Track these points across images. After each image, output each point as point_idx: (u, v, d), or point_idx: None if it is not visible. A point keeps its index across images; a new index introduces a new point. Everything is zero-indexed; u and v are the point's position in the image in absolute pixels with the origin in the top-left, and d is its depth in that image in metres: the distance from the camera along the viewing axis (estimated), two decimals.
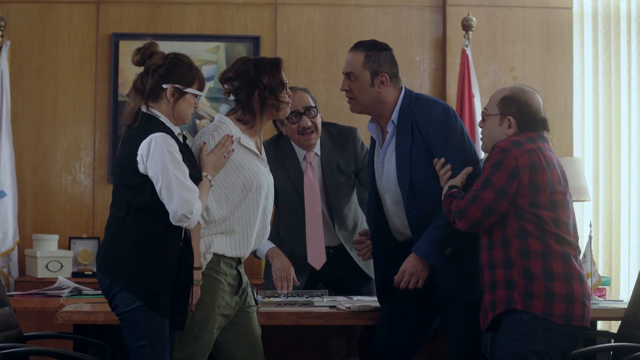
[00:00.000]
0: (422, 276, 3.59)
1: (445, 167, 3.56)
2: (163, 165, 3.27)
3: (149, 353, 3.28)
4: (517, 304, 3.34)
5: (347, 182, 4.35)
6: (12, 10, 6.10)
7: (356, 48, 3.75)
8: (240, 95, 3.53)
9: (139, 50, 3.46)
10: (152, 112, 3.38)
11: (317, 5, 6.26)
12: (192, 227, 3.32)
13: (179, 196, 3.25)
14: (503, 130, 3.50)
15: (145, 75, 3.41)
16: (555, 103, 6.20)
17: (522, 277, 3.34)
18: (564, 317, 3.33)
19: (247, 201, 3.48)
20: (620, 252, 6.20)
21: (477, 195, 3.37)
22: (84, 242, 6.00)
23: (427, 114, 3.62)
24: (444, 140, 3.59)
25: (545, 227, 3.37)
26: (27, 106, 6.12)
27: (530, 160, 3.38)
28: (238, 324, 3.56)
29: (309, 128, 4.24)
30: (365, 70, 3.68)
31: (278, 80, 3.53)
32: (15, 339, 3.71)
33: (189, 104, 3.42)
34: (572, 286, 3.36)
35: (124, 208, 3.34)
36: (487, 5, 6.28)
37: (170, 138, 3.32)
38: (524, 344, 3.32)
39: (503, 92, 3.55)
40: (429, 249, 3.55)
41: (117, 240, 3.34)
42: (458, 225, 3.43)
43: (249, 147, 3.52)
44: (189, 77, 3.41)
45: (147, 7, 6.20)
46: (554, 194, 3.40)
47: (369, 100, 3.69)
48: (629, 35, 6.26)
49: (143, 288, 3.28)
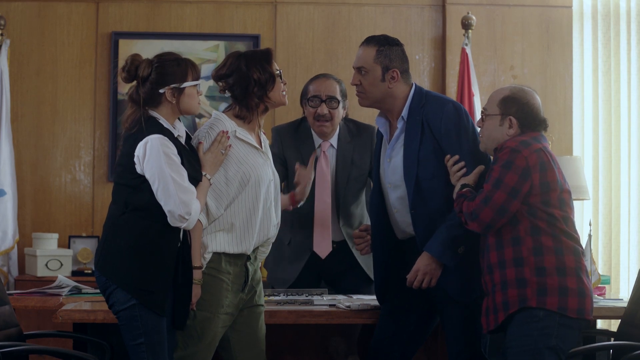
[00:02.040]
0: (435, 275, 3.58)
1: (458, 165, 3.55)
2: (159, 167, 3.27)
3: (146, 351, 3.29)
4: (532, 301, 3.33)
5: (359, 179, 4.35)
6: (12, 9, 6.10)
7: (367, 43, 3.72)
8: (236, 91, 3.52)
9: (124, 68, 3.43)
10: (151, 115, 3.39)
11: (316, 3, 6.26)
12: (190, 227, 3.33)
13: (175, 198, 3.26)
14: (504, 130, 3.49)
15: (139, 87, 3.40)
16: (555, 102, 6.20)
17: (534, 274, 3.34)
18: (578, 312, 3.34)
19: (244, 195, 3.47)
20: (619, 251, 6.19)
21: (489, 196, 3.36)
22: (83, 240, 6.00)
23: (438, 112, 3.61)
24: (457, 138, 3.58)
25: (556, 225, 3.38)
26: (27, 105, 6.12)
27: (540, 159, 3.38)
28: (242, 323, 3.56)
29: (324, 116, 4.26)
30: (377, 65, 3.67)
31: (268, 73, 3.51)
32: (15, 337, 3.71)
33: (192, 96, 3.42)
34: (582, 280, 3.38)
35: (122, 207, 3.35)
36: (487, 4, 6.27)
37: (167, 140, 3.32)
38: (539, 340, 3.31)
39: (503, 92, 3.55)
40: (442, 248, 3.54)
41: (113, 239, 3.35)
42: (470, 226, 3.42)
43: (246, 139, 3.51)
44: (181, 72, 3.40)
45: (147, 6, 6.20)
46: (562, 193, 3.41)
47: (379, 95, 3.68)
48: (629, 33, 6.26)
49: (138, 286, 3.28)
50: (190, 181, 3.33)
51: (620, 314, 3.89)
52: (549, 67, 6.28)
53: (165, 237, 3.33)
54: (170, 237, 3.34)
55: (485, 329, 3.47)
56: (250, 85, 3.49)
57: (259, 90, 3.50)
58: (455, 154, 3.57)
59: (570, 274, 3.35)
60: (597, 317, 4.08)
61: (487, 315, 3.45)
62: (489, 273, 3.44)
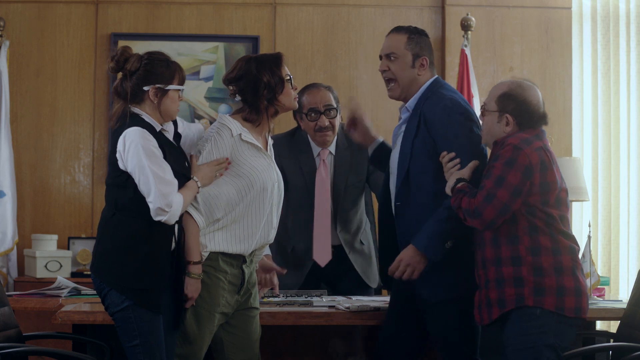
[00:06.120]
0: (418, 268, 3.56)
1: (453, 161, 3.53)
2: (138, 158, 3.27)
3: (142, 352, 3.29)
4: (529, 300, 3.33)
5: (357, 185, 4.35)
6: (11, 10, 6.10)
7: (398, 31, 3.74)
8: (247, 95, 3.52)
9: (113, 58, 3.44)
10: (134, 111, 3.38)
11: (315, 5, 6.26)
12: (171, 222, 3.30)
13: (155, 189, 3.25)
14: (501, 127, 3.48)
15: (124, 80, 3.41)
16: (554, 103, 6.19)
17: (532, 274, 3.34)
18: (575, 311, 3.34)
19: (249, 198, 3.47)
20: (619, 252, 6.20)
21: (492, 194, 3.34)
22: (83, 242, 6.00)
23: (434, 108, 3.61)
24: (450, 135, 3.57)
25: (553, 224, 3.38)
26: (26, 106, 6.12)
27: (540, 158, 3.37)
28: (235, 326, 3.56)
29: (326, 128, 4.26)
30: (408, 52, 3.69)
31: (278, 77, 3.51)
32: (15, 338, 3.71)
33: (173, 100, 3.41)
34: (579, 279, 3.38)
35: (112, 207, 3.36)
36: (486, 5, 6.28)
37: (147, 132, 3.31)
38: (538, 338, 3.32)
39: (502, 87, 3.53)
40: (428, 242, 3.54)
41: (105, 240, 3.36)
42: (470, 223, 3.40)
43: (251, 142, 3.51)
44: (168, 74, 3.40)
45: (146, 7, 6.20)
46: (560, 192, 3.41)
47: (407, 82, 3.69)
48: (628, 35, 6.26)
49: (131, 287, 3.29)
50: (175, 176, 3.32)
51: (619, 315, 3.89)
52: (548, 69, 6.28)
53: (156, 235, 3.32)
54: (161, 235, 3.33)
55: (479, 322, 3.47)
56: (260, 89, 3.49)
57: (268, 93, 3.49)
58: (449, 149, 3.55)
59: (567, 273, 3.36)
60: (597, 319, 4.09)
61: (479, 309, 3.46)
62: (483, 268, 3.44)
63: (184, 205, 3.33)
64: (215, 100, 6.11)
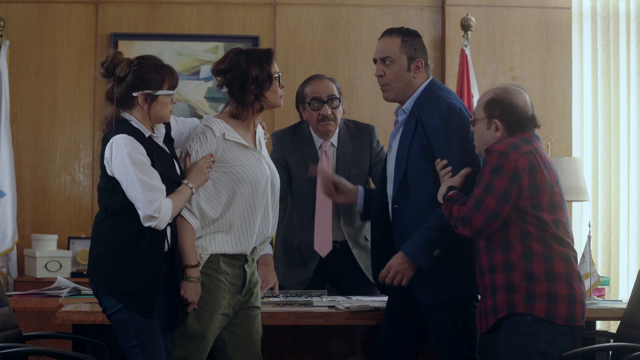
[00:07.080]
0: (407, 275, 3.58)
1: (446, 169, 3.54)
2: (124, 166, 3.26)
3: (141, 353, 3.29)
4: (519, 307, 3.33)
5: (359, 177, 4.35)
6: (11, 10, 6.10)
7: (390, 33, 3.71)
8: (234, 88, 3.50)
9: (103, 64, 3.40)
10: (124, 117, 3.37)
11: (315, 5, 6.26)
12: (161, 227, 3.29)
13: (142, 196, 3.24)
14: (491, 133, 3.47)
15: (114, 86, 3.38)
16: (554, 103, 6.20)
17: (523, 280, 3.34)
18: (567, 319, 3.33)
19: (240, 196, 3.46)
20: (619, 252, 6.20)
21: (480, 201, 3.34)
22: (82, 242, 6.00)
23: (431, 111, 3.61)
24: (446, 139, 3.57)
25: (546, 229, 3.36)
26: (26, 106, 6.12)
27: (529, 162, 3.37)
28: (237, 326, 3.55)
29: (329, 117, 4.27)
30: (403, 55, 3.67)
31: (267, 73, 3.49)
32: (14, 338, 3.71)
33: (164, 105, 3.38)
34: (573, 286, 3.37)
35: (103, 211, 3.37)
36: (486, 5, 6.28)
37: (133, 140, 3.29)
38: (527, 344, 3.31)
39: (488, 94, 3.53)
40: (417, 249, 3.55)
41: (97, 244, 3.37)
42: (461, 231, 3.41)
43: (236, 140, 3.49)
44: (158, 79, 3.36)
45: (146, 7, 6.20)
46: (553, 196, 3.39)
47: (403, 86, 3.68)
48: (628, 35, 6.26)
49: (123, 290, 3.29)
50: (164, 182, 3.30)
51: (619, 315, 3.88)
52: (548, 69, 6.28)
53: (146, 239, 3.30)
54: (152, 238, 3.31)
55: (480, 330, 3.48)
56: (248, 83, 3.47)
57: (256, 88, 3.48)
58: (444, 155, 3.55)
59: (560, 280, 3.35)
60: (597, 319, 4.08)
61: (480, 317, 3.47)
62: (481, 276, 3.45)
63: (174, 209, 3.31)
64: (215, 100, 6.11)
